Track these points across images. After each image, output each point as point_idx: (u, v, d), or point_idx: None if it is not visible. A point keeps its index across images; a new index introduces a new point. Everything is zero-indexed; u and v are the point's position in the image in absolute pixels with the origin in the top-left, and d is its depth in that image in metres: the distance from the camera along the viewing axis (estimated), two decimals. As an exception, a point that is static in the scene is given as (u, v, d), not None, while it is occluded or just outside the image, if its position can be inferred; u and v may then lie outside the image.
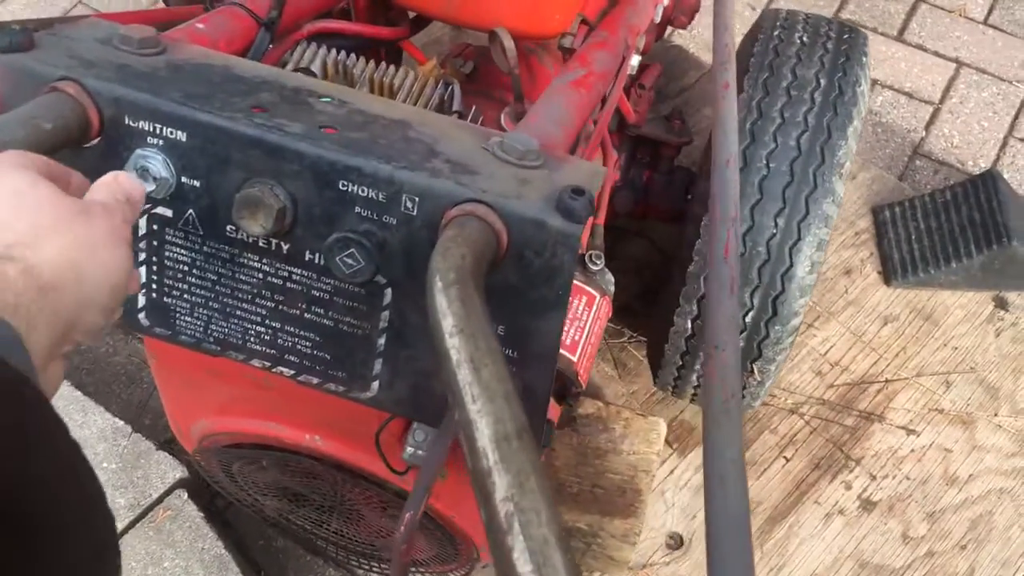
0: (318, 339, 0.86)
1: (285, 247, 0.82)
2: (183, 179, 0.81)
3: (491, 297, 0.74)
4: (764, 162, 1.43)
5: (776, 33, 1.55)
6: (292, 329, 0.86)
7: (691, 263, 1.48)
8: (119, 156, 0.81)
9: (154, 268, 0.86)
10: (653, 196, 1.73)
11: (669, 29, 2.22)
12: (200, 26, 0.97)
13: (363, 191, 0.77)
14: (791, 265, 1.43)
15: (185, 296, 0.87)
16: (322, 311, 0.84)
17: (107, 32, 0.88)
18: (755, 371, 1.54)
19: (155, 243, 0.85)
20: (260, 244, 0.82)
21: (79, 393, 1.69)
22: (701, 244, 1.46)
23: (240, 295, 0.85)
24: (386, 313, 0.82)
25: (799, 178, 1.42)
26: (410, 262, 0.79)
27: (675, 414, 1.89)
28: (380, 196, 0.77)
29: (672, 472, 1.81)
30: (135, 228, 0.84)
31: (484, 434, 0.51)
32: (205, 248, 0.84)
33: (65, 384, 1.68)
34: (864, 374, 1.97)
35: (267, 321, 0.86)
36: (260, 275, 0.84)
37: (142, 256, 0.86)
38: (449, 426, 0.88)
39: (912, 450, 1.85)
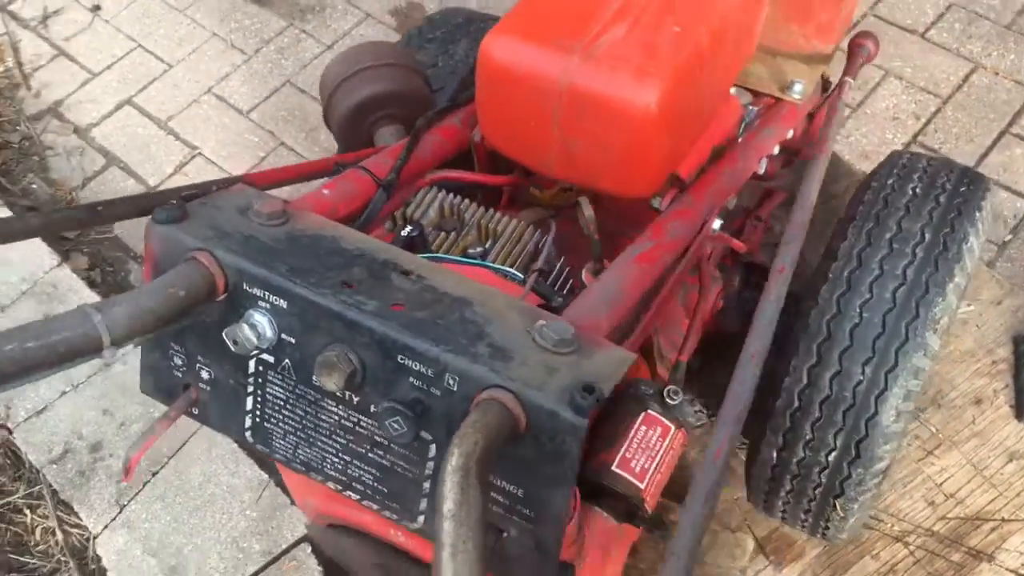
0: (378, 475, 1.02)
1: (356, 399, 0.99)
2: (282, 335, 1.00)
3: (514, 465, 0.89)
4: (858, 311, 1.48)
5: (891, 182, 1.58)
6: (359, 463, 1.03)
7: (779, 397, 1.55)
8: (237, 312, 1.00)
9: (258, 399, 1.06)
10: (762, 320, 1.80)
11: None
12: (325, 192, 1.17)
13: (416, 366, 0.93)
14: (876, 413, 1.46)
15: (280, 424, 1.06)
16: (382, 453, 1.00)
17: (245, 202, 1.08)
18: (837, 507, 1.58)
19: (260, 380, 1.04)
20: (337, 393, 1.00)
21: (235, 446, 1.94)
22: (790, 382, 1.53)
23: (320, 430, 1.03)
24: (431, 463, 0.98)
25: (891, 330, 1.46)
26: (450, 425, 0.94)
27: (776, 526, 1.94)
28: (429, 372, 0.93)
29: (763, 586, 1.86)
30: (245, 365, 1.04)
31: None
32: (296, 390, 1.02)
33: (222, 436, 1.94)
34: (980, 510, 1.94)
35: (340, 454, 1.03)
36: (336, 417, 1.01)
37: (250, 388, 1.05)
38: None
39: (1019, 597, 1.82)
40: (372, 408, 0.98)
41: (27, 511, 1.94)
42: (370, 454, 1.01)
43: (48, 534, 1.91)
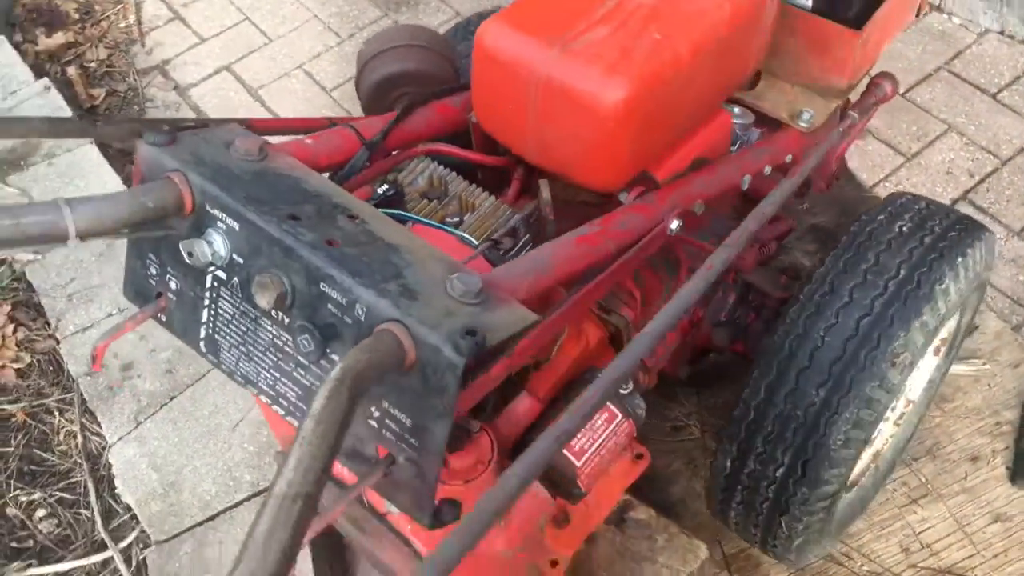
0: (300, 392, 1.13)
1: (286, 320, 1.10)
2: (234, 255, 1.12)
3: (405, 395, 0.99)
4: (821, 334, 1.52)
5: (881, 217, 1.62)
6: (285, 381, 1.14)
7: (737, 407, 1.59)
8: (200, 229, 1.13)
9: (212, 312, 1.18)
10: (750, 338, 1.84)
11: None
12: (309, 141, 1.29)
13: (334, 294, 1.04)
14: (823, 435, 1.50)
15: (227, 337, 1.18)
16: (303, 372, 1.12)
17: (231, 138, 1.21)
18: (782, 524, 1.62)
19: (214, 295, 1.17)
20: (272, 313, 1.11)
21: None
22: (748, 394, 1.58)
23: (257, 346, 1.15)
24: (341, 386, 1.08)
25: (849, 357, 1.49)
26: (357, 353, 1.04)
27: (746, 546, 1.97)
28: (344, 300, 1.03)
29: (715, 599, 1.89)
30: (204, 279, 1.17)
31: (279, 487, 0.75)
32: (241, 307, 1.15)
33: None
34: (954, 564, 1.93)
35: (271, 370, 1.15)
36: (269, 335, 1.13)
37: (206, 301, 1.18)
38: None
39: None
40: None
41: (56, 414, 2.13)
42: (295, 372, 1.13)
43: (70, 437, 2.10)
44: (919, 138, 2.65)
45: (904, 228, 1.59)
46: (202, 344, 1.22)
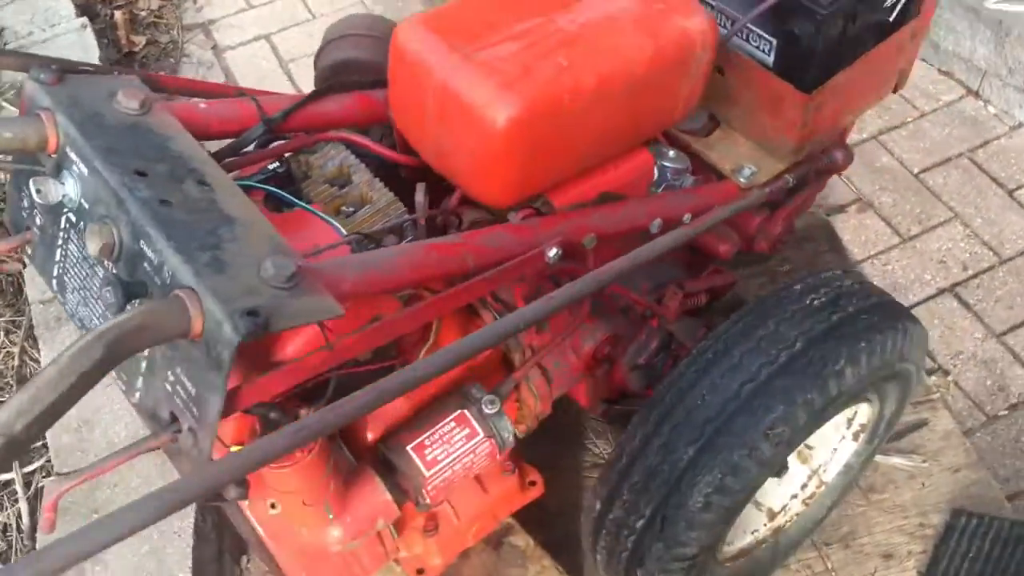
0: (119, 343, 1.15)
1: (114, 270, 1.12)
2: (82, 200, 1.15)
3: (192, 364, 1.01)
4: (702, 391, 1.48)
5: (797, 287, 1.57)
6: (110, 329, 1.16)
7: (614, 451, 1.57)
8: (59, 170, 1.16)
9: (62, 253, 1.21)
10: (663, 386, 1.81)
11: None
12: (202, 105, 1.31)
13: (150, 253, 1.05)
14: (684, 495, 1.46)
15: (71, 280, 1.21)
16: (118, 325, 1.13)
17: (115, 88, 1.24)
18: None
19: (65, 236, 1.20)
20: (104, 263, 1.13)
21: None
22: (624, 439, 1.55)
23: (91, 293, 1.18)
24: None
25: (724, 420, 1.45)
26: (163, 313, 1.06)
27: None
28: (156, 261, 1.05)
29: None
30: (58, 220, 1.20)
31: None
32: (83, 251, 1.17)
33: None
34: (836, 660, 1.86)
35: (99, 318, 1.17)
36: (99, 283, 1.15)
37: (59, 241, 1.21)
38: None
39: None
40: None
41: (2, 334, 2.21)
42: (113, 323, 1.15)
43: (9, 358, 2.17)
44: (921, 221, 2.57)
45: (816, 302, 1.54)
46: (54, 283, 1.25)
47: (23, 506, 1.98)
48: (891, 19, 1.65)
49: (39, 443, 2.05)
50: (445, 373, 1.06)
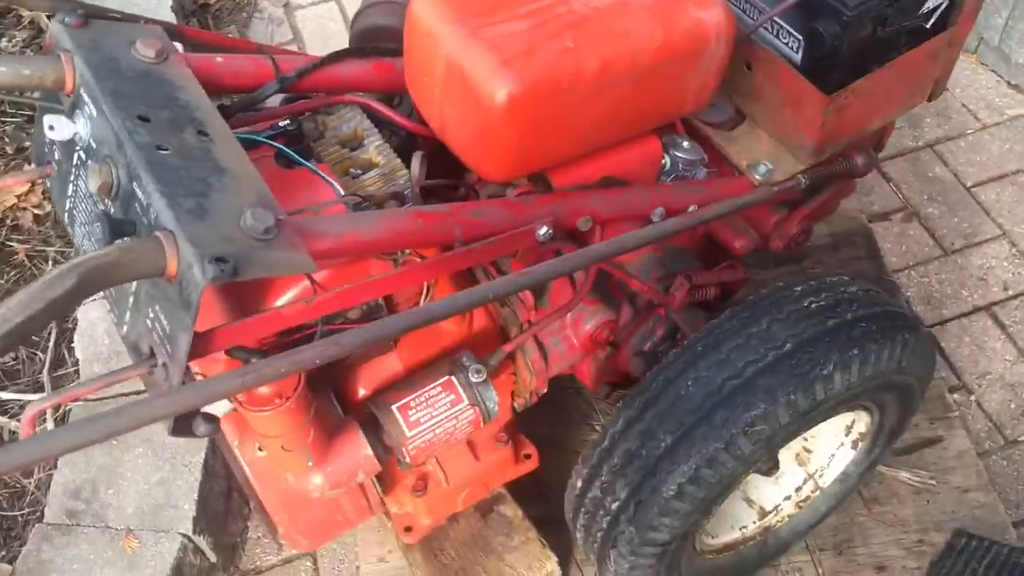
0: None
1: (112, 207, 1.19)
2: (91, 139, 1.21)
3: (168, 303, 1.06)
4: (688, 382, 1.49)
5: (797, 289, 1.55)
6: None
7: (599, 433, 1.59)
8: (74, 109, 1.23)
9: (73, 188, 1.28)
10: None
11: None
12: (219, 59, 1.37)
13: (140, 194, 1.11)
14: (660, 480, 1.48)
15: (79, 214, 1.28)
16: (115, 261, 1.20)
17: (136, 36, 1.30)
18: (611, 558, 1.60)
19: (77, 172, 1.27)
20: (105, 200, 1.20)
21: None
22: (608, 422, 1.57)
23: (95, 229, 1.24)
24: (135, 281, 1.16)
25: (705, 413, 1.46)
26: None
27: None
28: (145, 202, 1.11)
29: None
30: (71, 156, 1.27)
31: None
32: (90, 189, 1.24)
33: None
34: (814, 664, 1.85)
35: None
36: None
37: (71, 176, 1.28)
38: None
39: None
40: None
41: (51, 263, 2.33)
42: (110, 259, 1.21)
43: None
44: (966, 236, 2.51)
45: (813, 305, 1.53)
46: (66, 216, 1.33)
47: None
48: (928, 26, 1.62)
49: (72, 369, 2.16)
50: (405, 333, 1.09)
